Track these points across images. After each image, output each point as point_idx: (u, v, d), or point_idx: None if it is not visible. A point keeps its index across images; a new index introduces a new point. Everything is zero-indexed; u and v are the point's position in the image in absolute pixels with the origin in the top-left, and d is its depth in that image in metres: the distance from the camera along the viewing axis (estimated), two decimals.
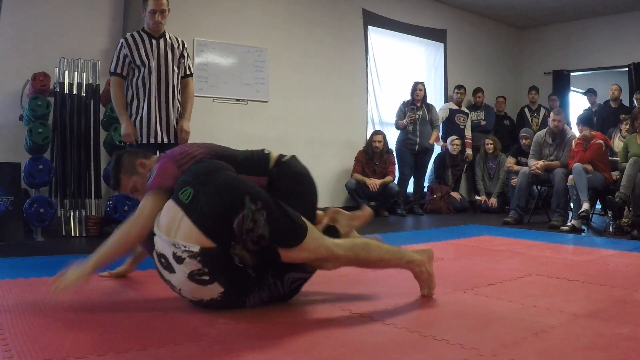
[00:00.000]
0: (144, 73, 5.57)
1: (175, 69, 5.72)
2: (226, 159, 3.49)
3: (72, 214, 6.89)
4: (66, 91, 7.00)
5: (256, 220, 3.00)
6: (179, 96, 5.81)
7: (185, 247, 3.00)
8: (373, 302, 3.52)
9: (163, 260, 3.14)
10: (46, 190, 6.85)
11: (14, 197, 6.19)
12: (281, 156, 3.71)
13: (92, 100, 7.15)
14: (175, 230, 3.06)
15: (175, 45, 5.74)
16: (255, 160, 3.63)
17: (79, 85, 7.09)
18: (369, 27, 10.77)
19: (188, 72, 5.89)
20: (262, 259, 3.14)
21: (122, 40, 5.67)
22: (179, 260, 3.04)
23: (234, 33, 9.12)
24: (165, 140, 5.68)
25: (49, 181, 6.66)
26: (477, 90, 11.80)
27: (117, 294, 3.68)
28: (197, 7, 8.60)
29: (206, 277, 3.06)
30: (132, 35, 5.66)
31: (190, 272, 3.04)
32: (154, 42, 5.62)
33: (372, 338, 2.79)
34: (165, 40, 5.69)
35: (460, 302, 3.58)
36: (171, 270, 3.11)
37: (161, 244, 3.12)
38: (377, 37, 10.97)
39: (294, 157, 3.78)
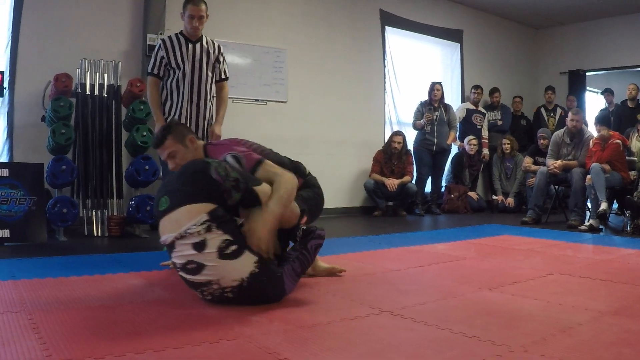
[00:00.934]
0: (178, 75, 5.63)
1: (210, 74, 5.76)
2: (273, 160, 3.92)
3: (94, 214, 6.95)
4: (88, 92, 7.05)
5: (225, 167, 3.33)
6: (212, 100, 5.85)
7: (194, 224, 3.15)
8: (400, 299, 3.57)
9: (190, 266, 3.22)
10: (68, 191, 6.90)
11: (37, 197, 6.25)
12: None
13: (113, 101, 7.21)
14: (177, 227, 3.20)
15: (211, 50, 5.77)
16: (296, 166, 4.24)
17: (101, 86, 7.14)
18: (386, 27, 10.80)
19: (223, 76, 5.92)
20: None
21: (159, 41, 5.73)
22: (201, 245, 3.16)
23: (253, 34, 9.16)
24: None
25: (71, 181, 6.70)
26: (494, 91, 11.81)
27: (147, 293, 3.72)
28: (217, 8, 8.64)
29: (234, 247, 3.20)
30: (169, 38, 5.72)
31: (218, 249, 3.17)
32: (190, 46, 5.66)
33: (404, 335, 2.83)
34: (201, 44, 5.72)
35: (487, 300, 3.62)
36: (200, 266, 3.19)
37: (179, 249, 3.23)
38: (395, 37, 11.00)
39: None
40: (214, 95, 5.89)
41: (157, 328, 2.91)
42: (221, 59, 5.86)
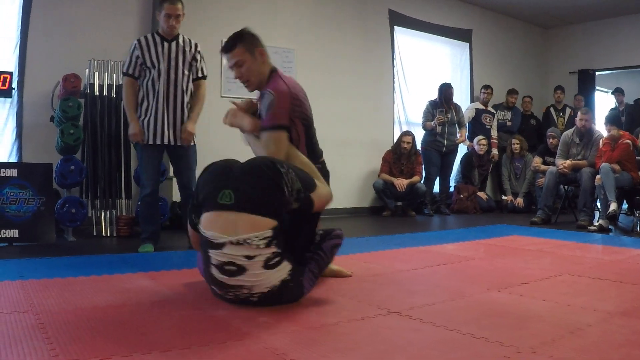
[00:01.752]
0: (153, 75, 5.65)
1: (186, 72, 5.78)
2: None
3: (103, 214, 6.96)
4: (96, 92, 7.07)
5: (292, 178, 3.28)
6: (188, 98, 5.84)
7: (257, 236, 3.12)
8: (409, 300, 3.56)
9: (229, 267, 3.20)
10: (77, 191, 6.92)
11: (45, 197, 6.26)
12: None
13: (122, 101, 7.21)
14: (235, 230, 3.15)
15: (188, 49, 5.79)
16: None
17: (109, 86, 7.16)
18: (395, 27, 10.79)
19: (200, 75, 5.93)
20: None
21: (135, 41, 5.74)
22: (253, 255, 3.14)
23: (262, 34, 8.98)
24: (173, 142, 5.74)
25: (80, 182, 6.73)
26: (512, 92, 11.78)
27: (155, 293, 3.72)
28: (226, 9, 8.65)
29: (278, 259, 3.21)
30: (145, 37, 5.74)
31: (266, 259, 3.17)
32: (165, 44, 5.68)
33: (412, 336, 2.83)
34: (177, 43, 5.74)
35: (495, 300, 3.61)
36: (241, 270, 3.17)
37: (227, 251, 3.18)
38: (404, 37, 10.99)
39: None
40: (191, 93, 5.90)
41: (164, 329, 2.91)
42: (198, 57, 5.87)
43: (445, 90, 10.24)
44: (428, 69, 11.42)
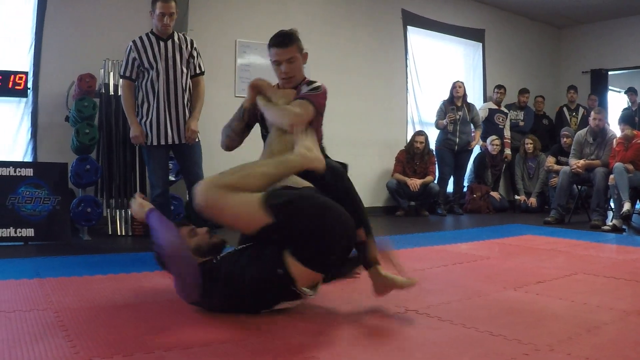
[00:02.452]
0: (152, 75, 5.65)
1: (184, 70, 5.78)
2: None
3: (118, 213, 6.99)
4: (111, 92, 7.10)
5: None
6: (188, 96, 5.84)
7: (310, 287, 3.10)
8: (426, 299, 3.57)
9: None
10: (92, 190, 6.94)
11: (61, 196, 6.28)
12: None
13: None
14: None
15: (184, 46, 5.78)
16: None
17: None
18: (408, 27, 10.77)
19: (198, 71, 5.92)
20: None
21: (130, 43, 5.75)
22: None
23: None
24: (177, 141, 5.74)
25: (95, 181, 6.75)
26: (524, 91, 11.73)
27: (172, 292, 3.70)
28: (239, 9, 8.67)
29: None
30: (140, 38, 5.74)
31: None
32: (161, 43, 5.68)
33: (430, 334, 2.84)
34: (173, 41, 5.74)
35: (512, 299, 3.62)
36: None
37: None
38: (417, 37, 10.97)
39: None
40: (191, 91, 5.89)
41: (183, 326, 2.93)
42: (195, 54, 5.87)
43: (452, 86, 10.28)
44: (441, 68, 11.39)
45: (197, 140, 5.85)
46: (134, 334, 2.78)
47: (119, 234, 6.89)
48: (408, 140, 10.19)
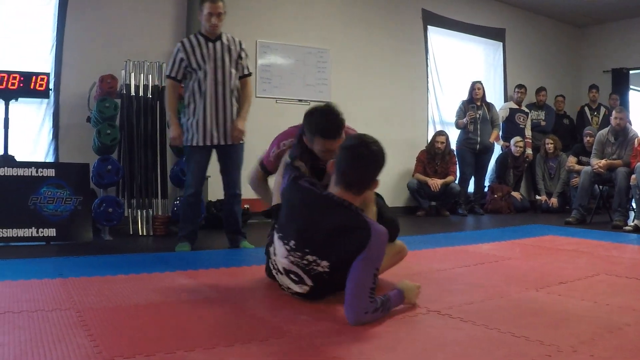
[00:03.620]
0: (200, 76, 5.64)
1: (233, 71, 5.76)
2: None
3: (139, 213, 7.03)
4: (133, 93, 7.15)
5: None
6: (236, 99, 5.82)
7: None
8: (448, 299, 3.55)
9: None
10: (114, 190, 6.99)
11: (82, 197, 6.33)
12: None
13: (158, 102, 7.28)
14: None
15: (233, 47, 5.77)
16: None
17: (145, 87, 7.23)
18: (428, 26, 10.78)
19: (246, 72, 5.90)
20: None
21: (178, 44, 5.74)
22: None
23: (296, 34, 9.19)
24: (222, 142, 5.73)
25: (116, 181, 6.80)
26: (540, 90, 11.72)
27: (195, 291, 3.74)
28: (260, 10, 8.70)
29: None
30: (188, 39, 5.74)
31: None
32: (210, 45, 5.67)
33: (453, 335, 2.82)
34: (222, 42, 5.73)
35: (534, 300, 3.60)
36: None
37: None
38: (437, 36, 10.99)
39: None
40: (239, 92, 5.87)
41: (206, 326, 2.93)
42: (243, 55, 5.85)
43: (472, 87, 10.28)
44: (462, 68, 11.39)
45: (242, 141, 5.84)
46: (156, 333, 2.78)
47: (140, 234, 6.93)
48: (429, 140, 10.19)
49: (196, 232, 5.91)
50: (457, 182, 9.91)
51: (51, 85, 6.95)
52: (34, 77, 6.44)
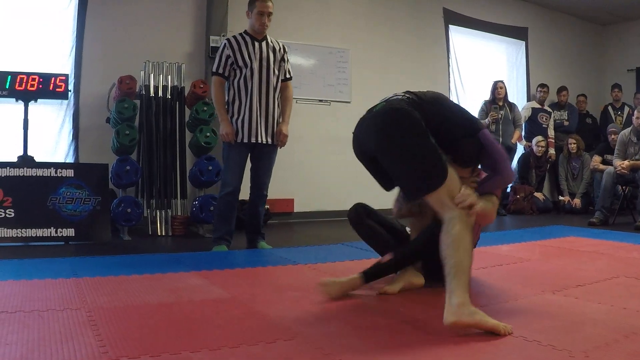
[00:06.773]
0: (246, 74, 5.66)
1: (276, 72, 5.81)
2: None
3: (158, 213, 7.05)
4: (152, 94, 7.18)
5: None
6: (278, 99, 5.86)
7: None
8: None
9: None
10: (133, 191, 7.02)
11: (101, 197, 6.36)
12: None
13: (177, 103, 7.30)
14: None
15: (277, 49, 5.83)
16: None
17: (164, 87, 7.26)
18: (450, 26, 10.74)
19: (288, 76, 5.96)
20: None
21: (225, 41, 5.78)
22: None
23: (316, 34, 9.18)
24: (269, 141, 5.76)
25: (135, 182, 6.84)
26: (562, 89, 11.60)
27: (207, 292, 3.74)
28: (280, 9, 8.65)
29: None
30: (234, 37, 5.78)
31: None
32: (256, 44, 5.72)
33: (464, 338, 2.79)
34: (267, 43, 5.78)
35: (550, 303, 3.55)
36: None
37: None
38: (458, 36, 10.93)
39: None
40: (279, 94, 5.89)
41: (214, 327, 2.93)
42: (286, 58, 5.91)
43: (494, 87, 10.20)
44: (484, 68, 11.32)
45: (285, 144, 5.93)
46: (164, 333, 2.79)
47: (158, 234, 6.96)
48: None
49: (232, 232, 5.90)
50: None
51: (71, 87, 7.02)
52: (53, 79, 6.48)
